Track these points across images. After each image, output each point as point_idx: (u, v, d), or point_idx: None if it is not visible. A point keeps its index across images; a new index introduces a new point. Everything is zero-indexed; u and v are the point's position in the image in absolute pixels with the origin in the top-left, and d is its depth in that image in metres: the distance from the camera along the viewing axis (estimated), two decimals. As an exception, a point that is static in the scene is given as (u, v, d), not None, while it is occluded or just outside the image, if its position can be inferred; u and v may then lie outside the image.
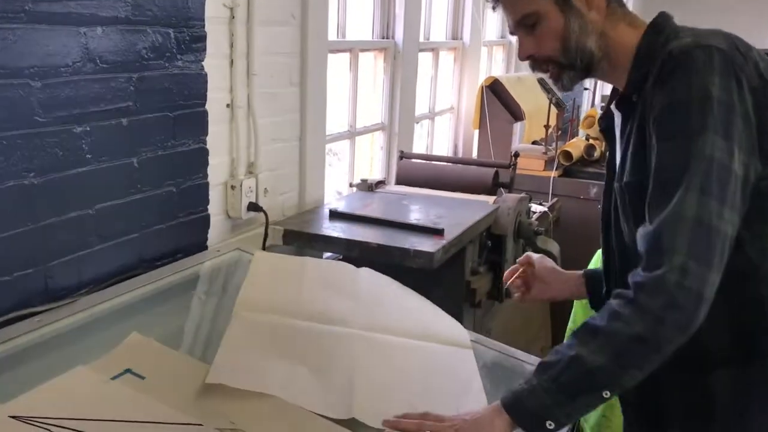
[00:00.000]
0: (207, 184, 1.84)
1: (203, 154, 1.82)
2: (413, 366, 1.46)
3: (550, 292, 1.55)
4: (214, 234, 1.98)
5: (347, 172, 2.96)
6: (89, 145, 1.49)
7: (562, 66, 1.26)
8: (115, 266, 1.59)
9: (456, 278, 2.33)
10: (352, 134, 2.93)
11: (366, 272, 1.83)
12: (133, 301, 1.55)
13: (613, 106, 1.31)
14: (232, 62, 1.97)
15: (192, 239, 1.81)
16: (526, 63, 1.31)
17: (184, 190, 1.76)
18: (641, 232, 1.13)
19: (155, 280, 1.63)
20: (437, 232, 2.09)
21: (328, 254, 2.45)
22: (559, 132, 3.78)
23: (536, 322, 3.50)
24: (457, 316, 2.36)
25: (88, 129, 1.48)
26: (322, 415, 1.24)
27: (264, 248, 2.08)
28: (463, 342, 1.61)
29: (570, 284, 1.53)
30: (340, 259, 2.39)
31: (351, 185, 2.66)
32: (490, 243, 2.45)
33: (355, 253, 2.04)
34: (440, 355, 1.51)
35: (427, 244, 2.00)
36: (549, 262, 1.56)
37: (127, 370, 1.29)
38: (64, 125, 1.43)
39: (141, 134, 1.61)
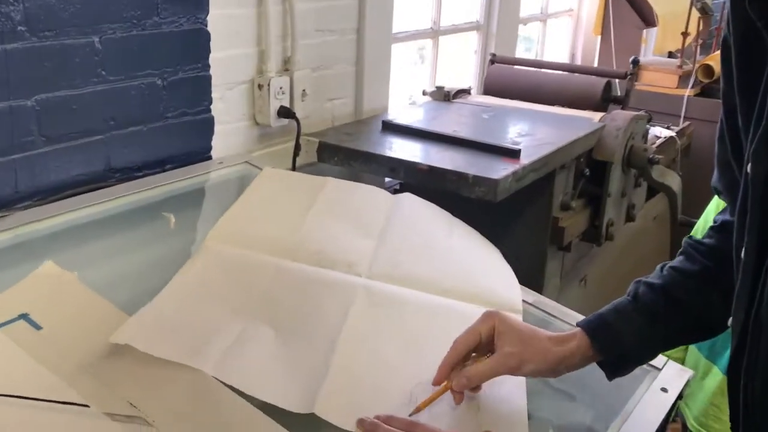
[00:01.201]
0: (207, 78, 1.45)
1: (201, 38, 1.42)
2: (430, 335, 1.04)
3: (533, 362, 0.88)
4: (235, 143, 1.61)
5: (427, 78, 2.50)
6: (22, 15, 1.12)
7: None
8: (70, 175, 1.25)
9: (540, 214, 1.86)
10: (435, 33, 2.45)
11: (406, 199, 1.40)
12: (85, 220, 1.21)
13: None
14: (259, -77, 1.55)
15: (187, 147, 1.44)
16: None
17: (175, 83, 1.38)
18: None
19: (123, 195, 1.28)
20: (511, 154, 1.62)
21: (389, 180, 2.04)
22: (701, 42, 3.12)
23: (651, 268, 2.96)
24: (539, 260, 1.91)
25: (19, -8, 1.12)
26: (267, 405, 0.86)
27: (294, 166, 1.70)
28: (511, 303, 1.16)
29: (562, 354, 0.88)
30: (399, 186, 1.98)
31: (424, 93, 2.20)
32: (588, 171, 1.94)
33: (401, 176, 1.62)
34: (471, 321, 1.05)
35: (493, 169, 1.54)
36: (510, 321, 0.90)
37: (23, 316, 0.94)
38: (-22, -16, 1.08)
39: (105, 5, 1.23)
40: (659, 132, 2.64)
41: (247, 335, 0.96)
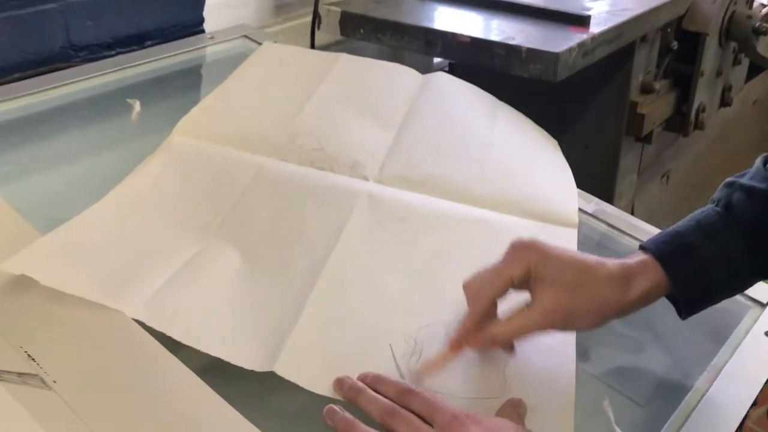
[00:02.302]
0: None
1: None
2: (452, 258, 0.78)
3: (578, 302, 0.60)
4: (245, 15, 1.34)
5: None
6: None
7: None
8: (17, 54, 1.01)
9: (615, 97, 1.54)
10: None
11: (439, 79, 1.12)
12: (35, 110, 0.97)
13: None
14: None
15: (170, 19, 1.17)
16: None
17: (147, -64, 1.11)
18: None
19: (84, 78, 1.03)
20: (578, 21, 1.30)
21: (438, 60, 1.74)
22: None
23: (748, 162, 2.58)
24: (612, 153, 1.61)
25: None
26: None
27: (312, 43, 1.41)
28: (564, 214, 0.88)
29: (627, 302, 0.61)
30: (448, 68, 1.68)
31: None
32: (676, 45, 1.60)
33: (439, 52, 1.32)
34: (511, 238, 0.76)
35: (554, 40, 1.23)
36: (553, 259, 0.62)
37: None
38: None
39: None
40: (767, -2, 2.22)
41: (200, 261, 0.72)
